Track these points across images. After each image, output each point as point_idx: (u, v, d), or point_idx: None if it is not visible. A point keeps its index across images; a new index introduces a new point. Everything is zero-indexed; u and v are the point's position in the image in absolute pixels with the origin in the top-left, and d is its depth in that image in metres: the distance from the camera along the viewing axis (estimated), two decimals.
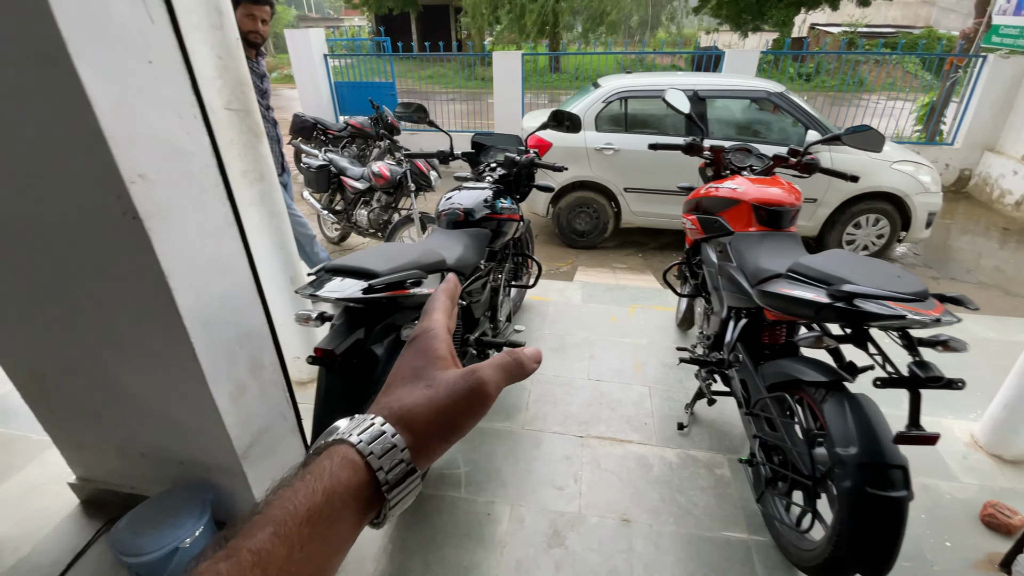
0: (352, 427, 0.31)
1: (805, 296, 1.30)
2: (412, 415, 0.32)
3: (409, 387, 0.33)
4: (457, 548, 1.65)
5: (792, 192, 1.87)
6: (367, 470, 0.29)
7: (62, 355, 1.43)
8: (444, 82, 14.39)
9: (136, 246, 1.16)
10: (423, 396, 0.33)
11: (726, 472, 1.95)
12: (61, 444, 1.72)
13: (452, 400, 0.33)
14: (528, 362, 0.37)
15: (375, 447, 0.30)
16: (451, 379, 0.34)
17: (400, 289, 1.35)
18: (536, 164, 2.19)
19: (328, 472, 0.29)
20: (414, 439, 0.31)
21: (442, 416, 0.32)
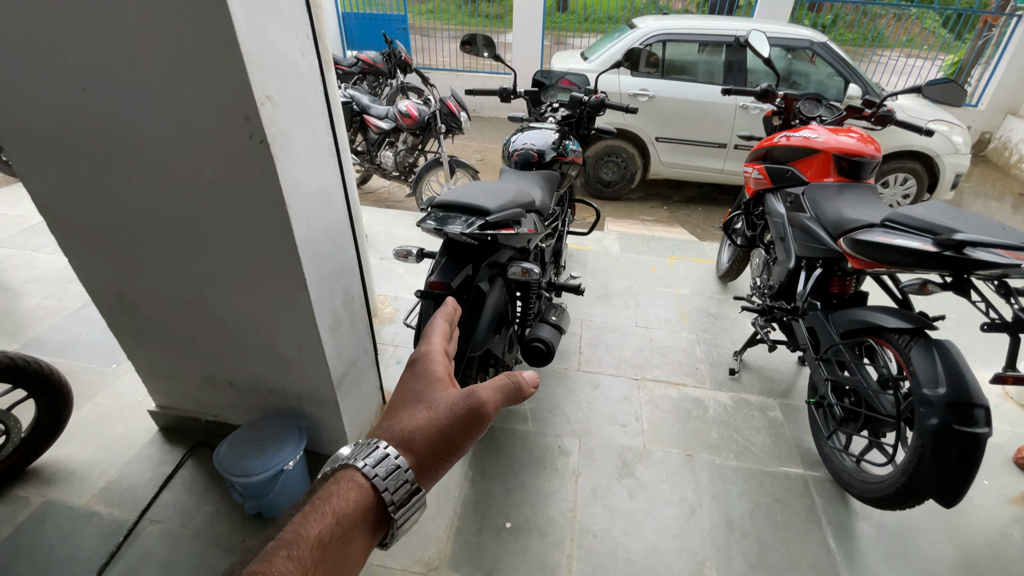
0: (356, 452, 0.32)
1: (909, 245, 1.33)
2: (414, 437, 0.33)
3: (410, 410, 0.35)
4: (534, 476, 1.74)
5: (871, 143, 1.86)
6: (374, 492, 0.30)
7: (162, 282, 1.42)
8: (445, 17, 13.63)
9: (260, 172, 1.14)
10: (424, 418, 0.34)
11: (778, 414, 2.06)
12: (144, 373, 1.74)
13: (451, 421, 0.34)
14: (526, 386, 0.38)
15: (380, 470, 0.31)
16: (450, 400, 0.35)
17: (507, 227, 1.35)
18: (607, 105, 2.14)
19: (336, 496, 0.30)
20: (417, 460, 0.33)
21: (442, 437, 0.33)
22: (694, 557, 1.52)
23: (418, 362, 0.38)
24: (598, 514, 1.63)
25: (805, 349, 1.80)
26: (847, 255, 1.59)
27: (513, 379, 0.38)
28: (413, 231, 3.37)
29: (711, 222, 4.52)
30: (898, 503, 1.44)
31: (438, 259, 1.38)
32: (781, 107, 2.21)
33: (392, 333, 2.40)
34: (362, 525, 0.30)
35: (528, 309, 1.77)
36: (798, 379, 2.26)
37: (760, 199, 2.28)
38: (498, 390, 0.37)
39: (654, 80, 4.29)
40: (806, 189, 1.92)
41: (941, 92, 1.89)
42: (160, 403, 1.83)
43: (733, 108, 4.24)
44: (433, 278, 1.31)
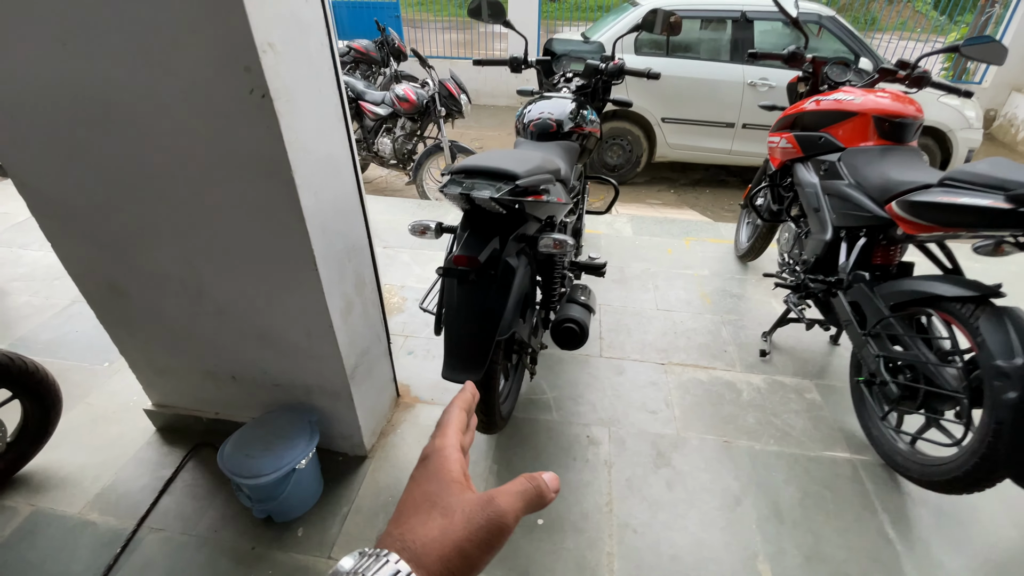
0: (363, 566, 0.29)
1: (980, 203, 1.21)
2: (427, 551, 0.30)
3: (423, 516, 0.32)
4: (563, 468, 1.62)
5: (911, 103, 1.74)
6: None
7: (155, 265, 1.29)
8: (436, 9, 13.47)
9: (263, 132, 1.01)
10: (438, 528, 0.31)
11: (816, 396, 1.94)
12: (139, 368, 1.60)
13: (468, 533, 0.31)
14: (547, 491, 0.35)
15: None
16: (468, 509, 0.32)
17: (537, 194, 1.23)
18: (626, 71, 2.01)
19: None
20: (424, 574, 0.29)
21: (459, 552, 0.30)
22: (744, 550, 1.41)
23: (431, 459, 0.35)
24: (636, 507, 1.51)
25: (848, 325, 1.68)
26: (899, 220, 1.47)
27: (534, 483, 0.35)
28: (417, 217, 3.22)
29: (720, 204, 4.40)
30: (968, 486, 1.32)
31: (460, 233, 1.25)
32: (808, 71, 2.08)
33: (401, 323, 2.27)
34: None
35: (552, 290, 1.64)
36: (832, 359, 2.15)
37: (787, 171, 2.16)
38: (519, 496, 0.33)
39: (659, 59, 4.16)
40: (843, 155, 1.79)
41: (981, 51, 1.77)
42: (157, 401, 1.70)
43: (741, 85, 4.11)
44: (458, 252, 1.18)
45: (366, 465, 1.62)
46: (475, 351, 1.20)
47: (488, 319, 1.20)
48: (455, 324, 1.22)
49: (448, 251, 1.38)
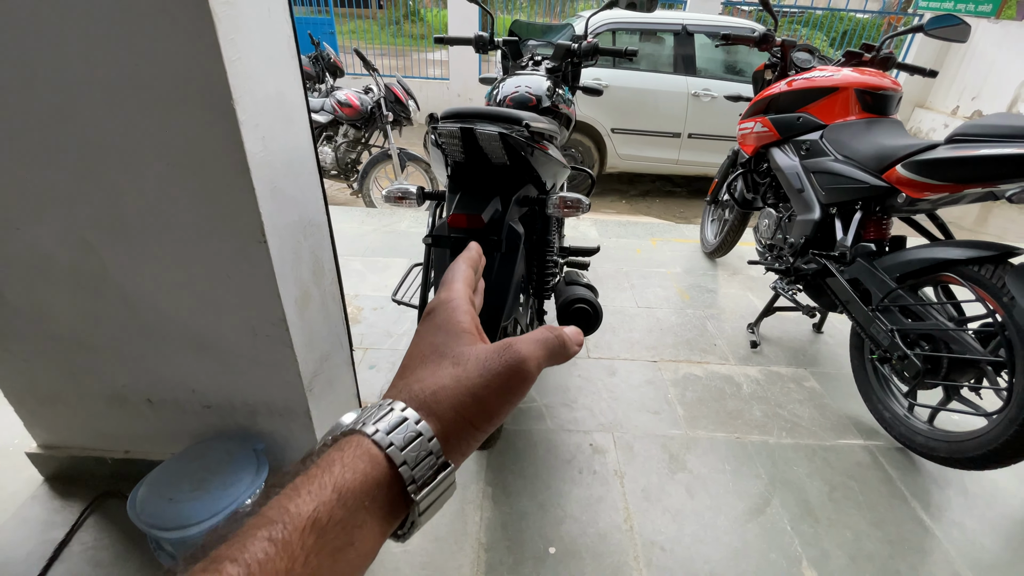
0: (364, 416, 0.25)
1: (1003, 152, 1.15)
2: (438, 399, 0.25)
3: (431, 367, 0.27)
4: (570, 483, 1.39)
5: (888, 77, 1.74)
6: (388, 466, 0.23)
7: (34, 247, 0.96)
8: (368, 37, 13.40)
9: (197, 39, 0.75)
10: (449, 376, 0.26)
11: (815, 384, 1.84)
12: (18, 398, 1.22)
13: (485, 380, 0.26)
14: (570, 342, 0.30)
15: (396, 437, 0.24)
16: (483, 356, 0.27)
17: (541, 143, 1.03)
18: (600, 51, 1.89)
19: (340, 465, 0.22)
20: (443, 427, 0.25)
21: (474, 399, 0.25)
22: (786, 557, 1.23)
23: (438, 311, 0.30)
24: (659, 520, 1.30)
25: (849, 303, 1.59)
26: (904, 184, 1.41)
27: (557, 333, 0.29)
28: (364, 227, 2.95)
29: (672, 213, 4.43)
30: (1007, 458, 1.23)
31: (450, 195, 1.03)
32: (777, 56, 2.06)
33: (359, 334, 1.97)
34: (372, 506, 0.22)
35: (544, 276, 1.44)
36: (820, 346, 2.08)
37: (761, 157, 2.11)
38: (541, 344, 0.28)
39: (607, 70, 4.18)
40: (825, 132, 1.75)
41: (945, 32, 1.81)
42: (44, 441, 1.30)
43: (685, 96, 4.21)
44: (456, 211, 0.95)
45: None
46: None
47: (492, 299, 0.97)
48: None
49: (431, 224, 1.15)
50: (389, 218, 3.11)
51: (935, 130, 6.03)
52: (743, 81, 4.22)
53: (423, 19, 13.83)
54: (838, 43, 9.38)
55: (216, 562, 0.19)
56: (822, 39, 14.72)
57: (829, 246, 1.70)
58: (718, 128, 4.22)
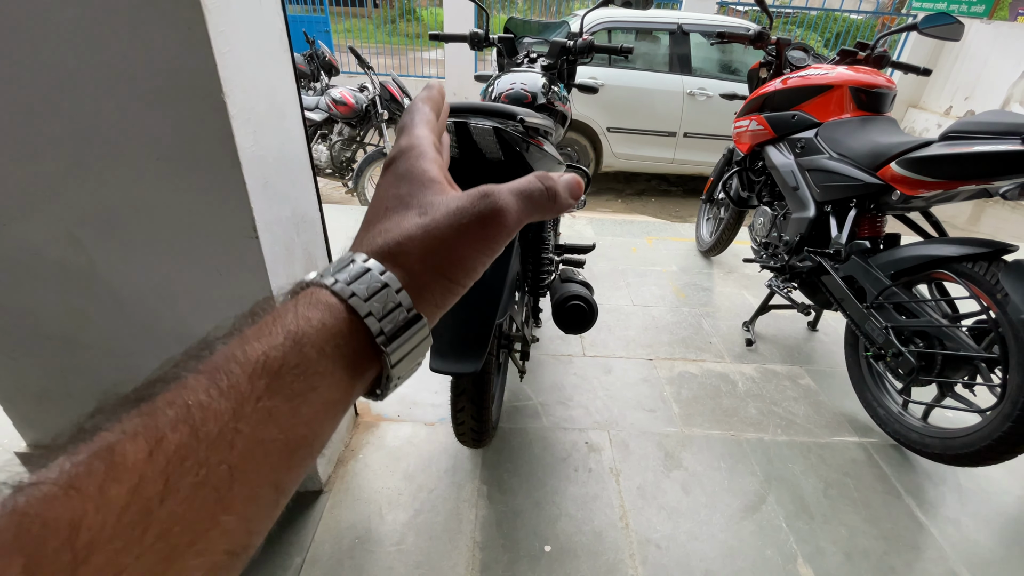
0: (323, 272, 0.23)
1: (996, 149, 1.16)
2: (404, 249, 0.23)
3: (395, 218, 0.24)
4: (565, 481, 1.38)
5: (882, 75, 1.74)
6: (350, 315, 0.21)
7: (22, 244, 0.94)
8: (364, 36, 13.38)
9: (186, 30, 0.73)
10: (416, 226, 0.24)
11: (810, 382, 1.85)
12: (8, 397, 1.20)
13: (456, 228, 0.23)
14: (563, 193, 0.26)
15: (358, 287, 0.21)
16: (453, 203, 0.24)
17: (536, 138, 1.03)
18: (596, 48, 1.89)
19: (292, 314, 0.20)
20: (410, 278, 0.23)
21: (445, 247, 0.23)
22: (781, 554, 1.23)
23: (400, 160, 0.26)
24: (654, 518, 1.30)
25: (844, 301, 1.60)
26: (899, 181, 1.41)
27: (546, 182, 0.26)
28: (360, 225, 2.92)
29: (667, 212, 4.44)
30: (1001, 454, 1.23)
31: None
32: (772, 54, 2.06)
33: None
34: (335, 355, 0.20)
35: (540, 273, 1.43)
36: (815, 344, 2.08)
37: (756, 155, 2.11)
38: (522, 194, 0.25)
39: (602, 69, 4.18)
40: (820, 129, 1.76)
41: (939, 30, 1.81)
42: (33, 441, 1.28)
43: (681, 95, 4.21)
44: None
45: (323, 501, 1.30)
46: (472, 335, 0.96)
47: (487, 294, 0.96)
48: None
49: None
50: None
51: (928, 130, 6.06)
52: (738, 80, 4.23)
53: (419, 18, 13.78)
54: (832, 44, 9.41)
55: (152, 403, 0.17)
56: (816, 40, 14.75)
57: (824, 244, 1.70)
58: (713, 127, 4.23)
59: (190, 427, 0.16)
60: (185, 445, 0.16)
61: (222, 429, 0.17)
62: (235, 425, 0.17)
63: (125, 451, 0.15)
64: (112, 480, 0.15)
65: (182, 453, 0.16)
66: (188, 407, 0.17)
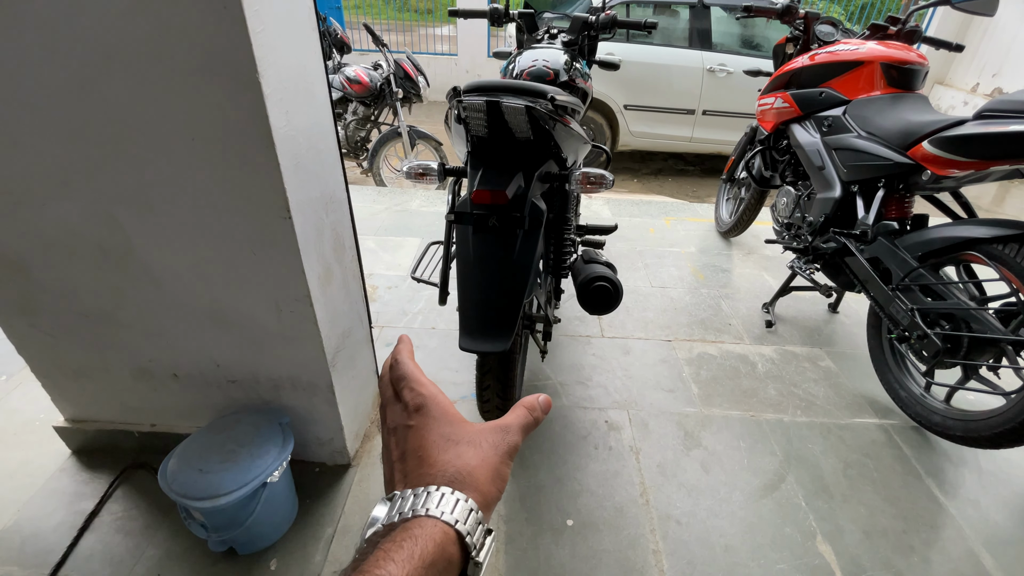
0: (420, 502, 0.29)
1: None
2: (475, 478, 0.31)
3: (452, 452, 0.32)
4: (586, 458, 1.41)
5: (913, 50, 1.69)
6: (457, 539, 0.28)
7: (62, 224, 0.96)
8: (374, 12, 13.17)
9: (222, 9, 0.74)
10: (475, 457, 0.32)
11: (830, 364, 1.84)
12: (46, 373, 1.24)
13: (499, 456, 0.33)
14: (542, 417, 0.38)
15: (459, 515, 0.29)
16: (491, 438, 0.34)
17: (565, 116, 1.02)
18: (618, 23, 1.85)
19: (423, 539, 0.27)
20: (483, 499, 0.31)
21: (496, 473, 0.33)
22: (800, 532, 1.25)
23: (429, 407, 0.35)
24: (674, 495, 1.32)
25: (869, 282, 1.58)
26: (930, 161, 1.38)
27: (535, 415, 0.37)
28: (376, 205, 2.94)
29: (684, 192, 4.38)
30: (1022, 438, 1.23)
31: (472, 171, 1.02)
32: (800, 29, 2.01)
33: (375, 312, 1.98)
34: (446, 569, 0.27)
35: (562, 254, 1.43)
36: (835, 326, 2.07)
37: (780, 134, 2.07)
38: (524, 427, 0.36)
39: (620, 44, 4.09)
40: (848, 107, 1.72)
41: (973, 4, 1.75)
42: (71, 415, 1.33)
43: (700, 72, 4.12)
44: (480, 187, 0.94)
45: (351, 475, 1.33)
46: (501, 314, 0.97)
47: (515, 274, 0.97)
48: (473, 282, 0.98)
49: (451, 202, 1.14)
50: (400, 197, 3.10)
51: (954, 107, 5.88)
52: (760, 55, 4.12)
53: None
54: (856, 17, 9.08)
55: None
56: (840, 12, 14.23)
57: (849, 224, 1.67)
58: (734, 105, 4.14)
59: None
60: None
61: None
62: None
63: None
64: None
65: None
66: None
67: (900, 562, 1.19)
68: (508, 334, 0.97)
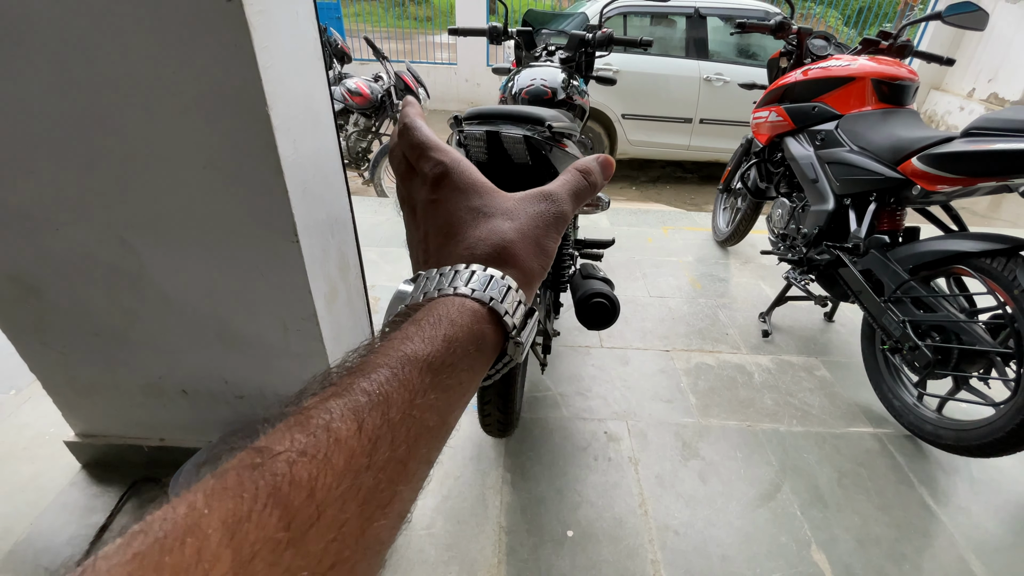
0: (446, 281, 0.26)
1: (1018, 147, 1.16)
2: (511, 252, 0.28)
3: (486, 226, 0.28)
4: (586, 469, 1.44)
5: (904, 66, 1.73)
6: (491, 317, 0.25)
7: (75, 247, 1.00)
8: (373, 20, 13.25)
9: (233, 47, 0.77)
10: (513, 231, 0.28)
11: (826, 373, 1.87)
12: (57, 389, 1.27)
13: (541, 227, 0.29)
14: (599, 177, 0.33)
15: (493, 292, 0.26)
16: (531, 208, 0.29)
17: (562, 141, 1.06)
18: (615, 41, 1.89)
19: (447, 320, 0.24)
20: (522, 276, 0.28)
21: (538, 245, 0.29)
22: (795, 541, 1.27)
23: (453, 176, 0.29)
24: (672, 505, 1.35)
25: (861, 294, 1.61)
26: (919, 176, 1.42)
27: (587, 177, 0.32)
28: (378, 216, 2.98)
29: (682, 199, 4.42)
30: (1012, 446, 1.26)
31: None
32: (793, 44, 2.05)
33: (376, 324, 2.01)
34: (477, 353, 0.25)
35: (561, 269, 1.47)
36: (831, 335, 2.10)
37: (775, 146, 2.11)
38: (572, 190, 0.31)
39: (618, 55, 4.13)
40: (840, 122, 1.75)
41: (963, 19, 1.79)
42: (82, 430, 1.36)
43: (697, 81, 4.17)
44: None
45: None
46: None
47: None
48: None
49: None
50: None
51: (951, 112, 5.93)
52: (756, 65, 4.17)
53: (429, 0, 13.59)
54: (853, 21, 9.15)
55: (347, 389, 0.20)
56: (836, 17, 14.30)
57: (842, 237, 1.71)
58: (730, 113, 4.19)
59: (381, 412, 0.20)
60: (379, 427, 0.20)
61: (403, 416, 0.21)
62: (411, 412, 0.21)
63: (339, 429, 0.19)
64: (335, 451, 0.18)
65: (378, 433, 0.19)
66: (379, 396, 0.21)
67: (893, 570, 1.22)
68: None
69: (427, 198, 0.30)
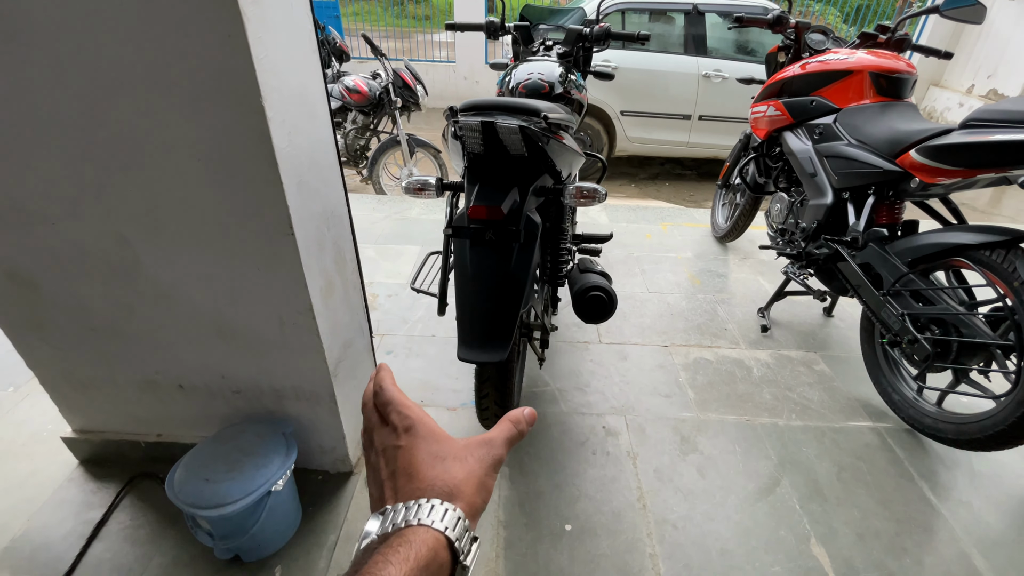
0: (412, 514, 0.32)
1: (1017, 138, 1.15)
2: (462, 490, 0.34)
3: (439, 468, 0.35)
4: (584, 464, 1.43)
5: (902, 59, 1.72)
6: (447, 546, 0.31)
7: (71, 242, 0.99)
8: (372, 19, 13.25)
9: (226, 38, 0.77)
10: (462, 471, 0.35)
11: (825, 368, 1.87)
12: (54, 385, 1.27)
13: (484, 469, 0.36)
14: (524, 429, 0.40)
15: (448, 523, 0.32)
16: (476, 453, 0.37)
17: (558, 133, 1.05)
18: (612, 35, 1.88)
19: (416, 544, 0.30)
20: (470, 509, 0.34)
21: (482, 485, 0.35)
22: (795, 535, 1.27)
23: (417, 427, 0.37)
24: (671, 499, 1.35)
25: (860, 288, 1.61)
26: (918, 169, 1.41)
27: (519, 428, 0.39)
28: (376, 214, 2.97)
29: (681, 196, 4.41)
30: (1013, 439, 1.26)
31: (469, 185, 1.05)
32: (791, 38, 2.04)
33: (375, 320, 2.01)
34: (437, 572, 0.30)
35: (558, 263, 1.46)
36: (830, 330, 2.10)
37: (773, 141, 2.10)
38: (508, 441, 0.38)
39: (616, 51, 4.13)
40: (839, 115, 1.75)
41: (961, 12, 1.78)
42: (79, 426, 1.36)
43: (696, 77, 4.16)
44: (476, 203, 0.97)
45: (352, 482, 1.36)
46: (498, 325, 1.00)
47: (511, 286, 1.00)
48: (470, 294, 1.01)
49: (448, 216, 1.17)
50: (400, 205, 3.13)
51: (950, 108, 5.92)
52: (755, 61, 4.16)
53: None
54: (852, 18, 9.14)
55: None
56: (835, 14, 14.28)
57: (841, 231, 1.70)
58: (729, 110, 4.18)
59: None
60: None
61: None
62: None
63: None
64: None
65: None
66: None
67: (893, 564, 1.22)
68: (505, 345, 0.99)
69: (395, 444, 0.36)
